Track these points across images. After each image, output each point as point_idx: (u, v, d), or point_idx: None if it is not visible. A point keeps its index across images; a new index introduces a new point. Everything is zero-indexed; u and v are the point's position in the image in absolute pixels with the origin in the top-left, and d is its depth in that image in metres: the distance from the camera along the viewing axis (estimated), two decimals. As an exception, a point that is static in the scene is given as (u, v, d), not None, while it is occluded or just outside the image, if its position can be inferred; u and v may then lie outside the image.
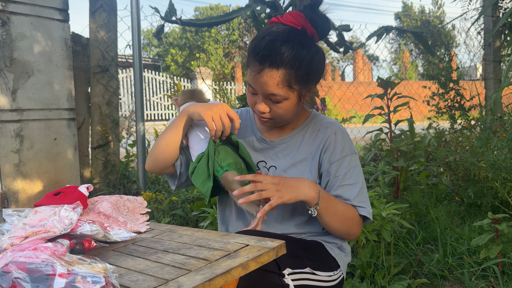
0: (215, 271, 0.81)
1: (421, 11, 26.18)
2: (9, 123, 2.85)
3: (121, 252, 0.98)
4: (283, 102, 1.23)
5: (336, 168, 1.31)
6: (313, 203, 1.22)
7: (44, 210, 0.96)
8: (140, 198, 1.33)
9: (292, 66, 1.18)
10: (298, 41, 1.19)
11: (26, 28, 2.92)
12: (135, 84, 3.42)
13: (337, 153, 1.32)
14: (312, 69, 1.23)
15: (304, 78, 1.21)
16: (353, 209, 1.29)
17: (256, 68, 1.20)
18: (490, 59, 5.20)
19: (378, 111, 2.58)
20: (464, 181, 2.55)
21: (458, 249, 2.18)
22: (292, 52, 1.17)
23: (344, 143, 1.34)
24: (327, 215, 1.26)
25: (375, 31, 4.18)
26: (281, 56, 1.17)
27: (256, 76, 1.21)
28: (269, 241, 0.97)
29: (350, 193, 1.30)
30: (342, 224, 1.28)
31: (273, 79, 1.18)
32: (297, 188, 1.22)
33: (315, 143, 1.35)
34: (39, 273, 0.69)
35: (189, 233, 1.11)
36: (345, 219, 1.28)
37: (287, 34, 1.19)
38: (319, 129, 1.36)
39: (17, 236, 0.85)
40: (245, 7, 3.74)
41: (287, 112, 1.27)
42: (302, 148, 1.35)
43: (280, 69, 1.17)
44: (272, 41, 1.18)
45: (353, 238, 1.37)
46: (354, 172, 1.32)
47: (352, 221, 1.29)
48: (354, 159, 1.34)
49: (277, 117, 1.28)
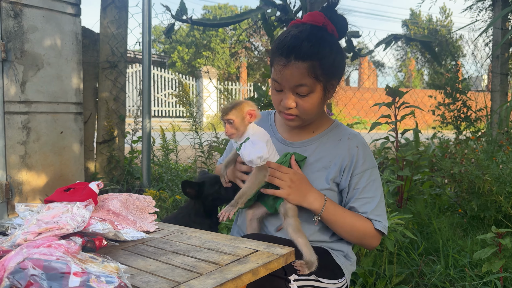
0: (226, 276, 0.82)
1: (429, 19, 26.16)
2: (17, 115, 2.86)
3: (131, 251, 0.99)
4: (310, 95, 1.27)
5: (356, 181, 1.34)
6: (315, 213, 1.29)
7: (57, 207, 0.97)
8: (148, 197, 1.34)
9: (316, 58, 1.23)
10: (321, 35, 1.26)
11: (38, 21, 2.93)
12: (143, 81, 3.43)
13: (358, 166, 1.34)
14: (335, 63, 1.28)
15: (328, 71, 1.26)
16: (368, 223, 1.32)
17: (281, 62, 1.25)
18: (497, 72, 5.19)
19: (386, 119, 2.58)
20: (468, 194, 2.55)
21: (460, 261, 2.18)
22: (316, 45, 1.23)
23: (366, 157, 1.35)
24: (333, 226, 1.31)
25: (384, 38, 4.19)
26: (306, 48, 1.22)
27: (282, 69, 1.25)
28: (278, 248, 0.97)
29: (367, 207, 1.33)
30: (352, 235, 1.33)
31: (299, 70, 1.23)
32: (304, 196, 1.26)
33: (336, 153, 1.36)
34: (54, 271, 0.70)
35: (197, 235, 1.11)
36: (355, 231, 1.32)
37: (310, 30, 1.26)
38: (340, 139, 1.38)
39: (31, 232, 0.86)
40: (256, 9, 3.75)
41: (313, 107, 1.29)
42: (321, 155, 1.37)
43: (306, 61, 1.22)
44: (296, 36, 1.24)
45: (370, 248, 1.41)
46: (373, 186, 1.34)
47: (364, 234, 1.33)
48: (374, 172, 1.36)
49: (303, 113, 1.30)
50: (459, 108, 4.87)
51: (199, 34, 22.53)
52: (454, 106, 4.87)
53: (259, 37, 21.10)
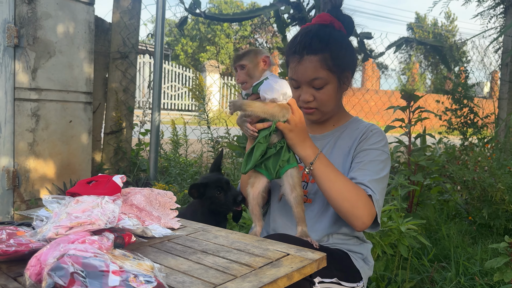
0: (262, 280, 0.80)
1: (434, 23, 26.12)
2: (27, 102, 2.84)
3: (158, 248, 0.97)
4: (325, 87, 1.32)
5: (363, 155, 1.32)
6: (307, 161, 1.22)
7: (86, 201, 0.95)
8: (169, 193, 1.32)
9: (327, 51, 1.29)
10: (329, 31, 1.34)
11: (52, 8, 2.90)
12: (154, 73, 3.40)
13: (369, 143, 1.33)
14: (346, 55, 1.35)
15: (340, 62, 1.32)
16: (360, 188, 1.22)
17: (295, 59, 1.32)
18: (506, 79, 5.18)
19: (399, 123, 2.56)
20: (480, 201, 2.54)
21: (470, 269, 2.17)
22: (324, 39, 1.31)
23: (379, 140, 1.35)
24: (325, 180, 1.21)
25: (395, 41, 4.18)
26: (316, 43, 1.30)
27: (296, 66, 1.32)
28: (309, 252, 0.96)
29: (366, 177, 1.25)
30: (343, 195, 1.20)
31: (313, 63, 1.29)
32: (303, 139, 1.22)
33: (352, 138, 1.37)
34: (93, 269, 0.68)
35: (223, 234, 1.10)
36: (347, 191, 1.20)
37: (318, 27, 1.35)
38: (358, 127, 1.40)
39: (62, 226, 0.84)
40: (270, 6, 3.73)
41: (330, 98, 1.34)
42: (341, 143, 1.39)
43: (317, 54, 1.29)
44: (306, 34, 1.33)
45: (360, 223, 1.21)
46: (379, 166, 1.30)
47: (356, 197, 1.20)
48: (384, 156, 1.33)
49: (322, 105, 1.34)
50: (466, 114, 4.85)
51: (204, 27, 22.44)
52: (461, 112, 4.85)
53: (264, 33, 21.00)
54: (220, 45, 21.89)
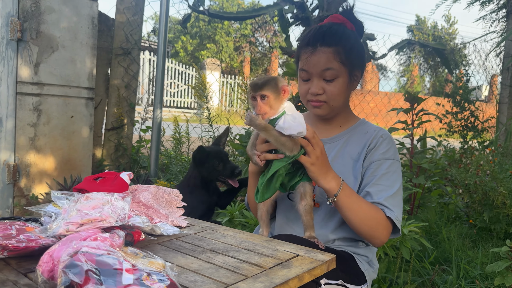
0: (274, 280, 0.79)
1: (434, 26, 26.17)
2: (29, 96, 2.82)
3: (167, 247, 0.97)
4: (336, 80, 1.31)
5: (375, 167, 1.31)
6: (332, 193, 1.21)
7: (96, 197, 0.94)
8: (176, 191, 1.31)
9: (340, 45, 1.31)
10: (343, 29, 1.36)
11: (55, 2, 2.88)
12: (156, 70, 3.39)
13: (379, 153, 1.33)
14: (358, 52, 1.36)
15: (352, 57, 1.33)
16: (380, 211, 1.25)
17: (308, 50, 1.32)
18: (507, 84, 5.19)
19: (402, 125, 2.56)
20: (481, 205, 2.54)
21: (471, 272, 2.18)
22: (338, 34, 1.33)
23: (389, 148, 1.35)
24: (347, 210, 1.23)
25: (397, 43, 4.18)
26: (330, 36, 1.32)
27: (309, 56, 1.32)
28: (319, 254, 0.95)
29: (383, 194, 1.27)
30: (365, 223, 1.23)
31: (326, 54, 1.30)
32: (325, 172, 1.20)
33: (362, 143, 1.37)
34: (107, 267, 0.67)
35: (231, 233, 1.09)
36: (368, 220, 1.23)
37: (331, 24, 1.37)
38: (367, 132, 1.39)
39: (73, 222, 0.83)
40: (273, 5, 3.72)
41: (340, 92, 1.33)
42: (349, 148, 1.38)
43: (331, 47, 1.30)
44: (319, 28, 1.35)
45: (378, 242, 1.28)
46: (392, 177, 1.31)
47: (376, 223, 1.24)
48: (395, 165, 1.34)
49: (331, 99, 1.33)
50: (466, 117, 4.86)
51: (204, 25, 22.40)
52: (461, 115, 4.86)
53: (264, 31, 21.03)
54: (221, 43, 21.87)
